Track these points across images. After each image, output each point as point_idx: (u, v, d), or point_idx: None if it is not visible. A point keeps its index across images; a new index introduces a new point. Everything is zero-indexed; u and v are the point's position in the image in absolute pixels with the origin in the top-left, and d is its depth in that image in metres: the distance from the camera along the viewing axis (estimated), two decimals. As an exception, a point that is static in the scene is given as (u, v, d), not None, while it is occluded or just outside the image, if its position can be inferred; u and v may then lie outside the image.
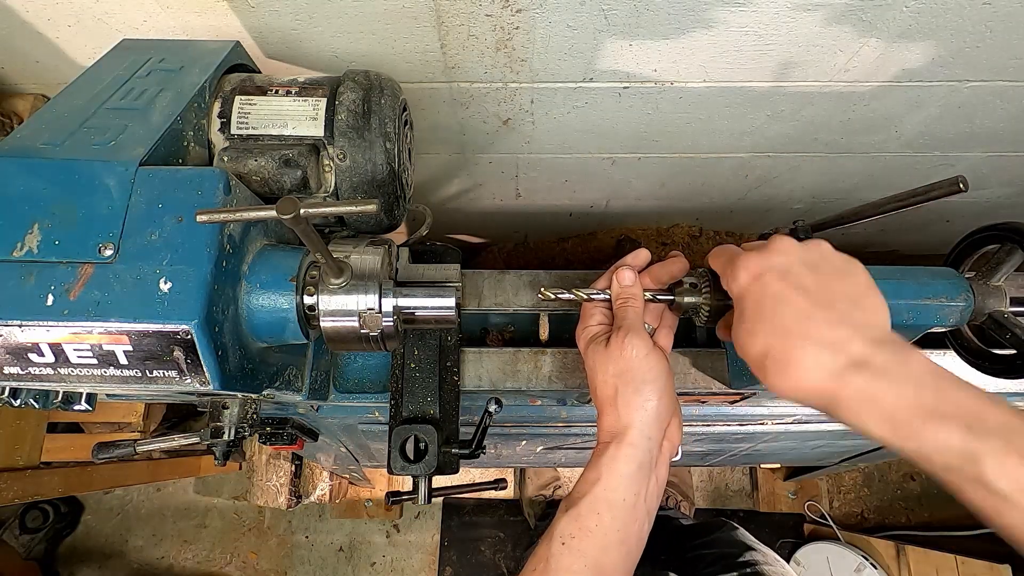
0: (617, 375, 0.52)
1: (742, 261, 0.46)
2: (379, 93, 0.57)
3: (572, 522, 0.50)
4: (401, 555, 2.02)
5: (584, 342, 0.57)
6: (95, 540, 2.01)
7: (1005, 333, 0.58)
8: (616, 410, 0.52)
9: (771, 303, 0.44)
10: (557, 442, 1.17)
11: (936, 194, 0.56)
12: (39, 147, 0.46)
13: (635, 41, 0.70)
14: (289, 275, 0.48)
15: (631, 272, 0.56)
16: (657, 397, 0.52)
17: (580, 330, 0.59)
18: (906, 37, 0.69)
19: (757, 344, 0.44)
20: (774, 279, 0.44)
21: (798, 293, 0.43)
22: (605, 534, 0.49)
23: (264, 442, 0.79)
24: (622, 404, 0.52)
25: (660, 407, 0.52)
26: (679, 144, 0.94)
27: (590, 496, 0.50)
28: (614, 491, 0.50)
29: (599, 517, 0.49)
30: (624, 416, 0.52)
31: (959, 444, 0.36)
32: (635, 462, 0.50)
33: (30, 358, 0.41)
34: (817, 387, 0.41)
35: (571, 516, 0.50)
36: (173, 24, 0.68)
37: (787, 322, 0.42)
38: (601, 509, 0.49)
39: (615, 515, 0.49)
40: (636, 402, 0.51)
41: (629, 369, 0.52)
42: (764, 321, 0.44)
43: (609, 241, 1.34)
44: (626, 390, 0.52)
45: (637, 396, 0.51)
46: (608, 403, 0.53)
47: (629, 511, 0.50)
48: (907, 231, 1.30)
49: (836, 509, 2.04)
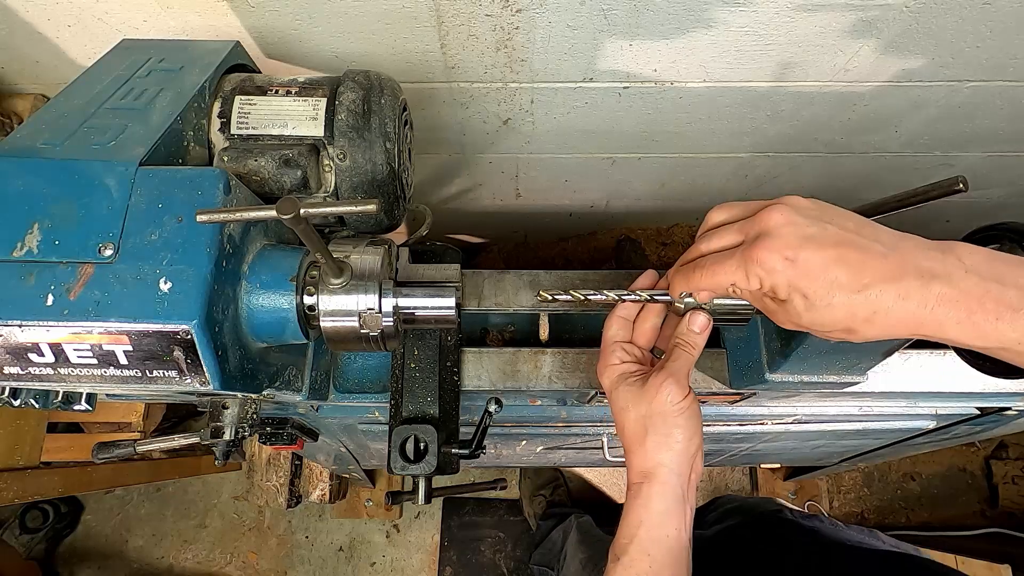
0: (648, 416, 0.52)
1: (763, 255, 0.43)
2: (379, 93, 0.57)
3: (626, 570, 0.51)
4: (401, 555, 2.02)
5: (612, 380, 0.56)
6: (95, 540, 2.01)
7: (1005, 333, 0.58)
8: (645, 450, 0.52)
9: (823, 273, 0.41)
10: (557, 442, 1.17)
11: (936, 194, 0.56)
12: (39, 147, 0.46)
13: (635, 41, 0.70)
14: (289, 275, 0.48)
15: (706, 319, 0.53)
16: (687, 438, 0.52)
17: (604, 367, 0.58)
18: (906, 37, 0.69)
19: (837, 313, 0.42)
20: (809, 251, 0.42)
21: (836, 248, 0.41)
22: (659, 572, 0.50)
23: (264, 442, 0.79)
24: (651, 445, 0.52)
25: (689, 447, 0.52)
26: (679, 144, 0.94)
27: (637, 540, 0.51)
28: (658, 529, 0.51)
29: (650, 558, 0.50)
30: (653, 456, 0.52)
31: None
32: (670, 498, 0.51)
33: (30, 358, 0.41)
34: (907, 319, 0.40)
35: (623, 565, 0.51)
36: (173, 24, 0.68)
37: (849, 280, 0.41)
38: (650, 550, 0.50)
39: (663, 551, 0.50)
40: (666, 443, 0.52)
41: (661, 413, 0.52)
42: (831, 291, 0.41)
43: (609, 241, 1.34)
44: (656, 432, 0.52)
45: (667, 438, 0.52)
46: (637, 442, 0.53)
47: (675, 543, 0.51)
48: (907, 231, 1.30)
49: (836, 509, 2.04)
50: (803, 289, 0.42)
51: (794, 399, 0.85)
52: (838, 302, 0.41)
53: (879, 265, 0.40)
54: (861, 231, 0.43)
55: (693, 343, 0.53)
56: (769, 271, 0.43)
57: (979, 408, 0.88)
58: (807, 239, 0.42)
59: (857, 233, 0.42)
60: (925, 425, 0.97)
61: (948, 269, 0.39)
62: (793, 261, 0.42)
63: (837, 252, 0.41)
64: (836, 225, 0.43)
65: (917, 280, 0.39)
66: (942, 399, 0.84)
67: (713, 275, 0.47)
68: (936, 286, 0.39)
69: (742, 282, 0.45)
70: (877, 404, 0.89)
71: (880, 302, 0.40)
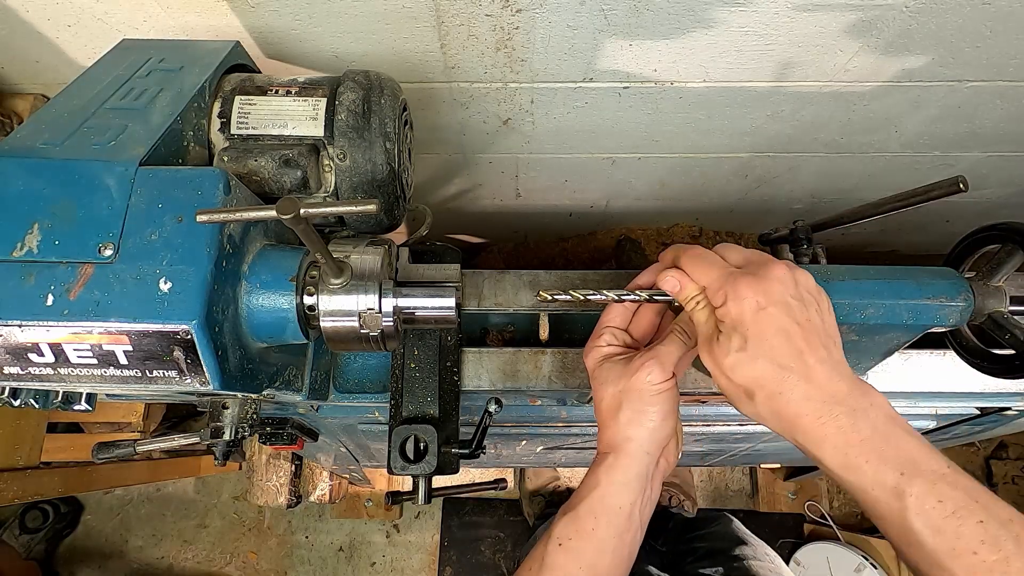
0: (625, 391, 0.53)
1: (745, 288, 0.46)
2: (379, 93, 0.57)
3: (570, 525, 0.51)
4: (401, 555, 2.02)
5: (596, 360, 0.57)
6: (95, 540, 2.01)
7: (1005, 333, 0.58)
8: (617, 423, 0.53)
9: (775, 336, 0.45)
10: (557, 442, 1.17)
11: (936, 194, 0.56)
12: (39, 147, 0.46)
13: (635, 41, 0.70)
14: (289, 275, 0.48)
15: None
16: (660, 419, 0.53)
17: (590, 348, 0.58)
18: (906, 37, 0.69)
19: (754, 371, 0.46)
20: (779, 313, 0.45)
21: (796, 330, 0.45)
22: (601, 538, 0.51)
23: (264, 442, 0.79)
24: (624, 419, 0.53)
25: (661, 427, 0.53)
26: (679, 144, 0.94)
27: (588, 501, 0.52)
28: (612, 498, 0.51)
29: (596, 521, 0.51)
30: (624, 430, 0.53)
31: (892, 483, 0.41)
32: (632, 472, 0.52)
33: (30, 358, 0.41)
34: (798, 418, 0.45)
35: (569, 519, 0.52)
36: (173, 24, 0.68)
37: (785, 357, 0.45)
38: (599, 514, 0.51)
39: (611, 521, 0.51)
40: (638, 420, 0.53)
41: (638, 390, 0.53)
42: (764, 353, 0.45)
43: (609, 241, 1.34)
44: (630, 408, 0.53)
45: (641, 415, 0.53)
46: (610, 416, 0.54)
47: (625, 519, 0.51)
48: (907, 231, 1.30)
49: (836, 509, 2.04)
50: (746, 334, 0.46)
51: (794, 399, 0.85)
52: (762, 364, 0.45)
53: (813, 364, 0.45)
54: (826, 336, 0.47)
55: (690, 332, 0.54)
56: (737, 300, 0.46)
57: (979, 408, 0.88)
58: (784, 305, 0.46)
59: (823, 334, 0.47)
60: (925, 425, 0.97)
61: (857, 406, 0.44)
62: (761, 309, 0.46)
63: (795, 330, 0.45)
64: (817, 317, 0.47)
65: (829, 397, 0.44)
66: (942, 399, 0.84)
67: (696, 268, 0.50)
68: (838, 410, 0.44)
69: (712, 291, 0.49)
70: (877, 404, 0.89)
71: (790, 387, 0.45)
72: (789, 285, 0.47)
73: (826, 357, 0.45)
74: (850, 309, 0.55)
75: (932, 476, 0.41)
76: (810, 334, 0.46)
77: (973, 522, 0.39)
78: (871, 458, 0.42)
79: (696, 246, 0.52)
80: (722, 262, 0.50)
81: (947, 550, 0.39)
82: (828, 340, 0.47)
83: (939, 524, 0.40)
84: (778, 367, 0.45)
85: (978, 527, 0.39)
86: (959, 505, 0.40)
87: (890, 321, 0.56)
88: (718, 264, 0.49)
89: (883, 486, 0.42)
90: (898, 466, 0.42)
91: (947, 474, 0.41)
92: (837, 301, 0.55)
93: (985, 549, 0.38)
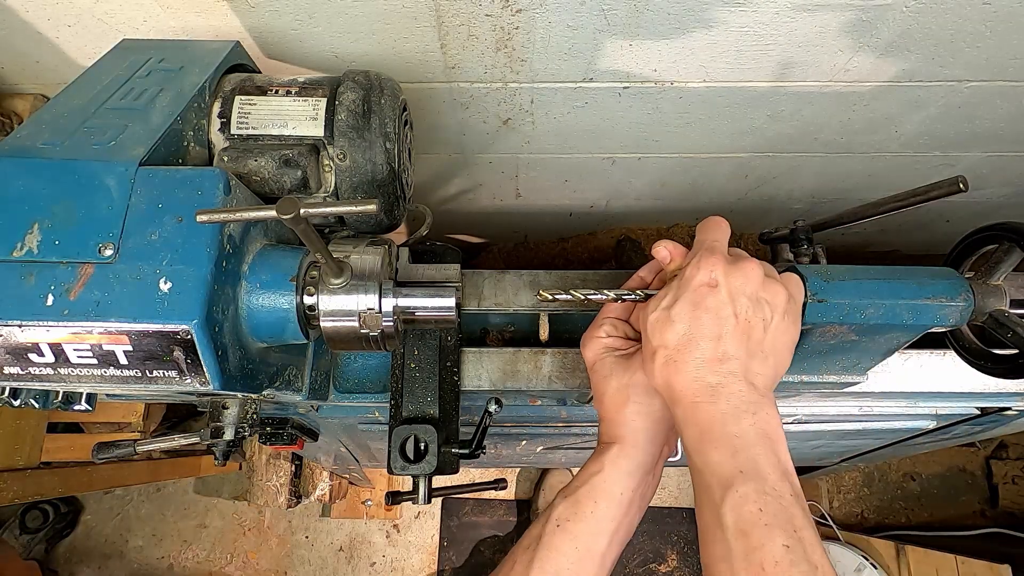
0: (631, 386, 0.54)
1: (710, 262, 0.47)
2: (379, 93, 0.57)
3: (569, 507, 0.52)
4: (401, 555, 2.02)
5: (595, 351, 0.57)
6: (95, 540, 2.01)
7: (1006, 332, 0.58)
8: (624, 416, 0.54)
9: (705, 312, 0.46)
10: (557, 442, 1.17)
11: (936, 194, 0.56)
12: (39, 147, 0.46)
13: (635, 41, 0.70)
14: (289, 275, 0.48)
15: None
16: (664, 407, 0.53)
17: (589, 337, 0.59)
18: (906, 37, 0.69)
19: (669, 332, 0.47)
20: (724, 297, 0.46)
21: (730, 319, 0.46)
22: (599, 522, 0.51)
23: (264, 442, 0.79)
24: (630, 412, 0.54)
25: (668, 416, 0.53)
26: (679, 144, 0.94)
27: (589, 485, 0.52)
28: (613, 484, 0.52)
29: (595, 505, 0.51)
30: (630, 422, 0.53)
31: (726, 475, 0.42)
32: (637, 461, 0.53)
33: (30, 358, 0.41)
34: (679, 391, 0.46)
35: (569, 502, 0.52)
36: (173, 24, 0.68)
37: (703, 334, 0.46)
38: (599, 498, 0.52)
39: (610, 505, 0.51)
40: (646, 411, 0.53)
41: (644, 384, 0.53)
42: (689, 321, 0.46)
43: (609, 241, 1.34)
44: (637, 401, 0.53)
45: (648, 407, 0.53)
46: (615, 409, 0.54)
47: (624, 505, 0.52)
48: (907, 231, 1.30)
49: (836, 509, 2.04)
50: (680, 296, 0.47)
51: (794, 399, 0.85)
52: (677, 328, 0.47)
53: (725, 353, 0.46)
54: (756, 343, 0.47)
55: None
56: (696, 267, 0.48)
57: (979, 408, 0.88)
58: (734, 294, 0.47)
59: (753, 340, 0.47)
60: (925, 425, 0.97)
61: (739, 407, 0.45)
62: (711, 286, 0.47)
63: (729, 319, 0.46)
64: (759, 325, 0.47)
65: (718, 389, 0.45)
66: (942, 399, 0.84)
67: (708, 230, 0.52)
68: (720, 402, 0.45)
69: (688, 257, 0.51)
70: (877, 404, 0.89)
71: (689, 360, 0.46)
72: (753, 284, 0.47)
73: (743, 359, 0.46)
74: (850, 309, 0.55)
75: (766, 488, 0.41)
76: (741, 334, 0.46)
77: (779, 543, 0.39)
78: (722, 449, 0.43)
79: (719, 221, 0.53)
80: (717, 243, 0.51)
81: (742, 553, 0.39)
82: (758, 350, 0.47)
83: (747, 528, 0.40)
84: (688, 337, 0.46)
85: (782, 548, 0.39)
86: (775, 521, 0.40)
87: (890, 321, 0.56)
88: (710, 243, 0.51)
89: (717, 475, 0.43)
90: (741, 466, 0.42)
91: (783, 495, 0.41)
92: (837, 301, 0.55)
93: (776, 569, 0.38)
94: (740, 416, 0.44)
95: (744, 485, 0.41)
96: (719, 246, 0.50)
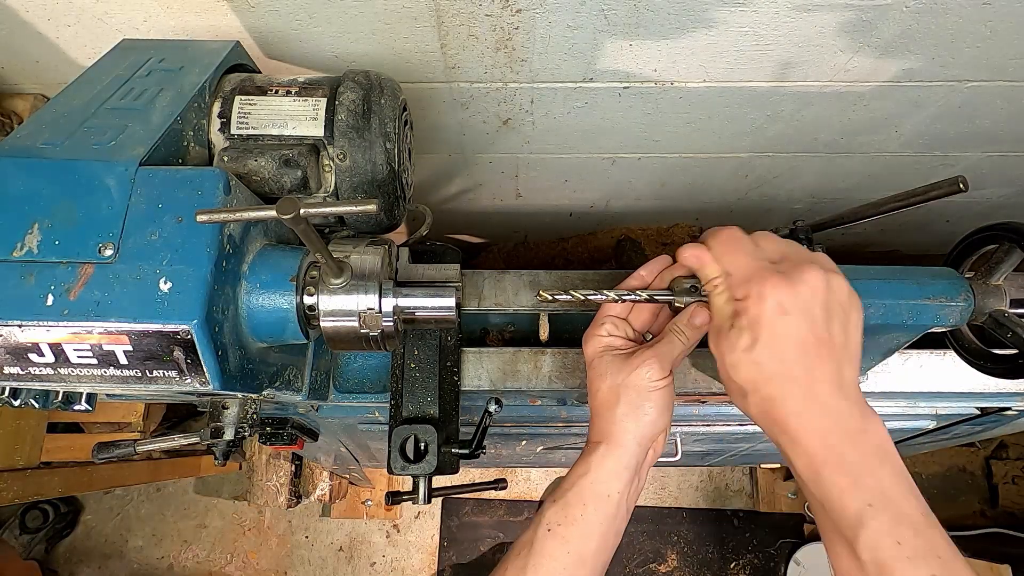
0: (623, 386, 0.54)
1: (772, 288, 0.44)
2: (379, 93, 0.57)
3: (559, 511, 0.52)
4: (401, 555, 2.02)
5: (595, 349, 0.57)
6: (95, 540, 2.01)
7: (1006, 332, 0.58)
8: (613, 416, 0.54)
9: (789, 345, 0.44)
10: (557, 442, 1.17)
11: (936, 194, 0.56)
12: (39, 147, 0.46)
13: (635, 41, 0.70)
14: (289, 275, 0.48)
15: (707, 316, 0.53)
16: (656, 414, 0.53)
17: (590, 335, 0.59)
18: (906, 37, 0.69)
19: (758, 373, 0.45)
20: (799, 322, 0.44)
21: (812, 342, 0.44)
22: (588, 524, 0.51)
23: (264, 442, 0.79)
24: (620, 412, 0.54)
25: (657, 421, 0.54)
26: (679, 144, 0.94)
27: (577, 488, 0.52)
28: (602, 485, 0.52)
29: (584, 508, 0.51)
30: (620, 422, 0.53)
31: (855, 509, 0.40)
32: (623, 462, 0.53)
33: (30, 358, 0.41)
34: (783, 421, 0.44)
35: (559, 506, 0.52)
36: (173, 24, 0.68)
37: (795, 368, 0.44)
38: (587, 500, 0.52)
39: (599, 507, 0.51)
40: (635, 414, 0.53)
41: (636, 387, 0.53)
42: (775, 358, 0.44)
43: (609, 241, 1.34)
44: (627, 403, 0.53)
45: (637, 409, 0.53)
46: (606, 408, 0.55)
47: (613, 506, 0.52)
48: (907, 231, 1.30)
49: (836, 509, 2.04)
50: (758, 336, 0.44)
51: (794, 399, 0.85)
52: (766, 370, 0.44)
53: (818, 378, 0.43)
54: (843, 352, 0.45)
55: (688, 335, 0.54)
56: (760, 299, 0.44)
57: (979, 408, 0.88)
58: (807, 314, 0.44)
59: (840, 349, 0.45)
60: (925, 425, 0.97)
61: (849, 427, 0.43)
62: (783, 314, 0.44)
63: (811, 342, 0.44)
64: (840, 332, 0.45)
65: (824, 412, 0.43)
66: (942, 399, 0.84)
67: (727, 252, 0.48)
68: (829, 425, 0.43)
69: (737, 281, 0.47)
70: (877, 404, 0.88)
71: (787, 396, 0.44)
72: (820, 293, 0.44)
73: (834, 373, 0.44)
74: (850, 309, 0.55)
75: (900, 517, 0.40)
76: (825, 349, 0.44)
77: (926, 573, 0.38)
78: (843, 480, 0.41)
79: (732, 228, 0.50)
80: (756, 251, 0.48)
81: None
82: (844, 356, 0.45)
83: (889, 564, 0.38)
84: (781, 377, 0.44)
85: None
86: (917, 553, 0.38)
87: (890, 321, 0.56)
88: (750, 253, 0.47)
89: (844, 510, 0.41)
90: (869, 496, 0.40)
91: (918, 520, 0.40)
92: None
93: None
94: (852, 438, 0.42)
95: (876, 519, 0.39)
96: (762, 263, 0.47)
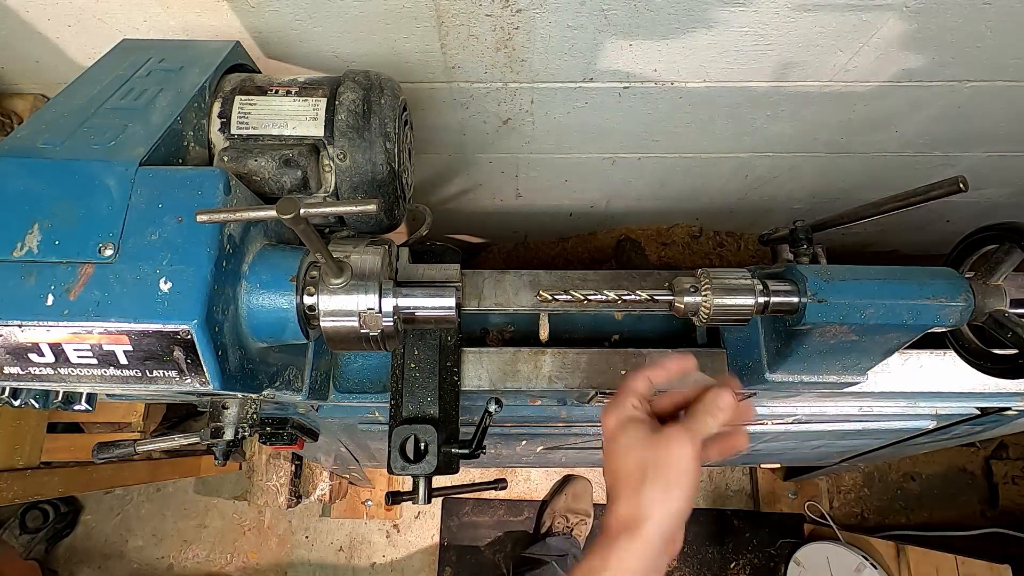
0: (654, 463, 0.49)
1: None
2: (379, 93, 0.57)
3: None
4: (401, 555, 2.02)
5: (620, 420, 0.53)
6: (95, 540, 2.01)
7: (1006, 332, 0.58)
8: (639, 499, 0.49)
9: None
10: (557, 442, 1.17)
11: (936, 194, 0.56)
12: (39, 147, 0.46)
13: (635, 41, 0.70)
14: (289, 275, 0.48)
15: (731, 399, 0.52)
16: (684, 500, 0.49)
17: (614, 407, 0.55)
18: (906, 37, 0.69)
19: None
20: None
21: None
22: None
23: (264, 442, 0.79)
24: (647, 495, 0.49)
25: (683, 510, 0.49)
26: (679, 144, 0.94)
27: None
28: None
29: None
30: (646, 507, 0.49)
31: None
32: (646, 561, 0.48)
33: (30, 358, 0.41)
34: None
35: None
36: (173, 24, 0.68)
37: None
38: None
39: None
40: (663, 499, 0.49)
41: (667, 465, 0.49)
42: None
43: (609, 241, 1.34)
44: (656, 483, 0.49)
45: (666, 493, 0.49)
46: (631, 487, 0.50)
47: None
48: (907, 231, 1.30)
49: (836, 509, 2.04)
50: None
51: (794, 399, 0.85)
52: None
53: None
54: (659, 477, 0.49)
55: (717, 417, 0.52)
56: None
57: (979, 408, 0.88)
58: None
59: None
60: (925, 425, 0.97)
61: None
62: None
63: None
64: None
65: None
66: (942, 399, 0.84)
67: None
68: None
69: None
70: (877, 404, 0.89)
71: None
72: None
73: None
74: (850, 309, 0.55)
75: None
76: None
77: None
78: None
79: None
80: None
81: None
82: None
83: None
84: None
85: None
86: None
87: (890, 321, 0.56)
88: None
89: None
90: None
91: None
92: (837, 301, 0.55)
93: None
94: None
95: None
96: None
